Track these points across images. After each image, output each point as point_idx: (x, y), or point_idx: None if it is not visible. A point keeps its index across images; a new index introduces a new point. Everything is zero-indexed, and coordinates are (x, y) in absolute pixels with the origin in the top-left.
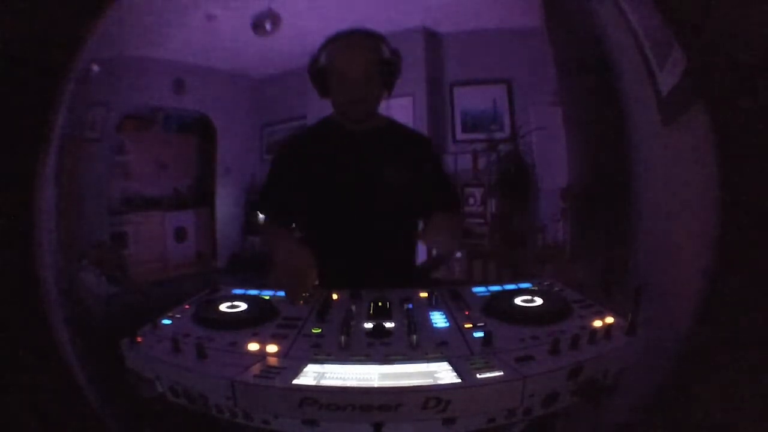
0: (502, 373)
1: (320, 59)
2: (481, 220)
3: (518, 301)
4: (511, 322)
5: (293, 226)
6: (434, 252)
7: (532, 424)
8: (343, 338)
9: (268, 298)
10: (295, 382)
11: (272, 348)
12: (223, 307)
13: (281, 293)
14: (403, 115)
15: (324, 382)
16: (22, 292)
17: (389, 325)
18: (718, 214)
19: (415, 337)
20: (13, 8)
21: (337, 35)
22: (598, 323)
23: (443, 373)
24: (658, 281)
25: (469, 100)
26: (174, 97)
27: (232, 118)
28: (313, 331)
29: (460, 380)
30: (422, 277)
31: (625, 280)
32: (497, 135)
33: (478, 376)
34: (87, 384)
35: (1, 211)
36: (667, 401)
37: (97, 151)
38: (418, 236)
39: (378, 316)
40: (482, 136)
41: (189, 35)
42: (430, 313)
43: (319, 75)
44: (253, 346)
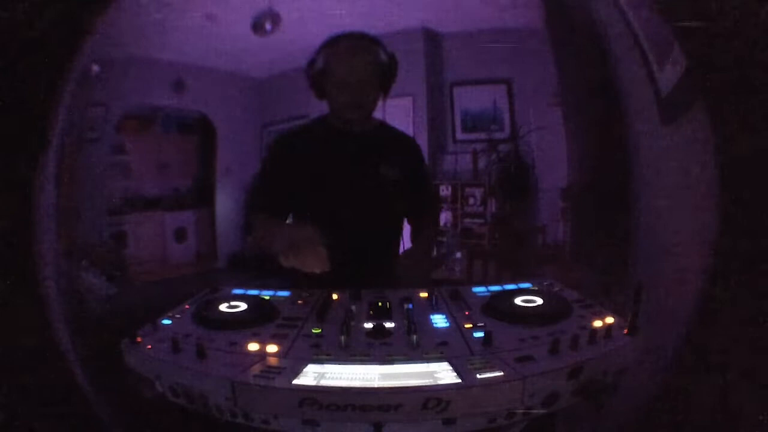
0: (502, 373)
1: (317, 62)
2: (481, 220)
3: (518, 301)
4: (511, 322)
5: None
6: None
7: (532, 424)
8: (343, 338)
9: (268, 298)
10: (295, 382)
11: (272, 348)
12: (223, 307)
13: (282, 293)
14: (403, 115)
15: (324, 382)
16: (22, 292)
17: (389, 325)
18: (718, 215)
19: (415, 337)
20: (13, 8)
21: (334, 38)
22: (598, 323)
23: (443, 373)
24: (658, 281)
25: (469, 100)
26: (174, 97)
27: (232, 118)
28: (313, 331)
29: (460, 380)
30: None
31: (625, 280)
32: (497, 135)
33: (478, 376)
34: (87, 384)
35: (1, 211)
36: (667, 401)
37: (97, 151)
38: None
39: (378, 316)
40: (482, 136)
41: (189, 35)
42: (430, 313)
43: (317, 78)
44: (253, 346)
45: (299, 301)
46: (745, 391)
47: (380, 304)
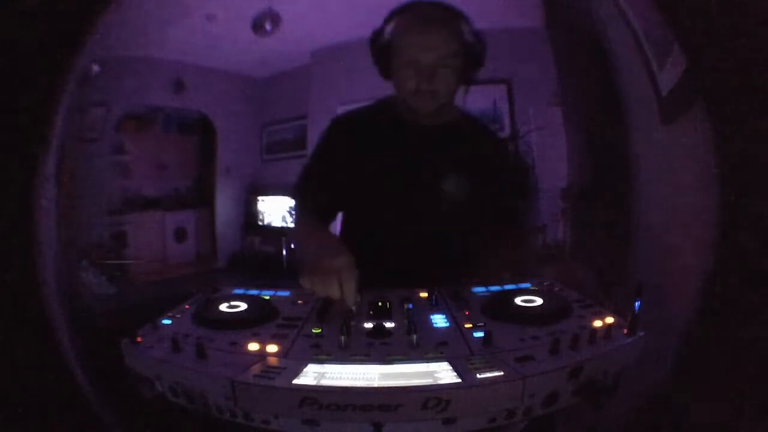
0: (502, 373)
1: (385, 32)
2: None
3: (518, 301)
4: (511, 322)
5: (328, 220)
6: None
7: (532, 424)
8: (343, 338)
9: (268, 298)
10: (296, 382)
11: (272, 348)
12: (223, 307)
13: (282, 293)
14: None
15: (324, 382)
16: (22, 292)
17: (389, 325)
18: (718, 215)
19: (415, 337)
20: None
21: (408, 4)
22: (598, 323)
23: (443, 373)
24: (658, 281)
25: (469, 100)
26: (174, 97)
27: (232, 118)
28: (313, 331)
29: (460, 380)
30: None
31: (625, 280)
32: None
33: (478, 376)
34: (87, 384)
35: (1, 211)
36: (667, 401)
37: (97, 151)
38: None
39: (378, 316)
40: None
41: (189, 35)
42: (430, 313)
43: (383, 52)
44: (253, 346)
45: (299, 301)
46: (745, 391)
47: (380, 303)
